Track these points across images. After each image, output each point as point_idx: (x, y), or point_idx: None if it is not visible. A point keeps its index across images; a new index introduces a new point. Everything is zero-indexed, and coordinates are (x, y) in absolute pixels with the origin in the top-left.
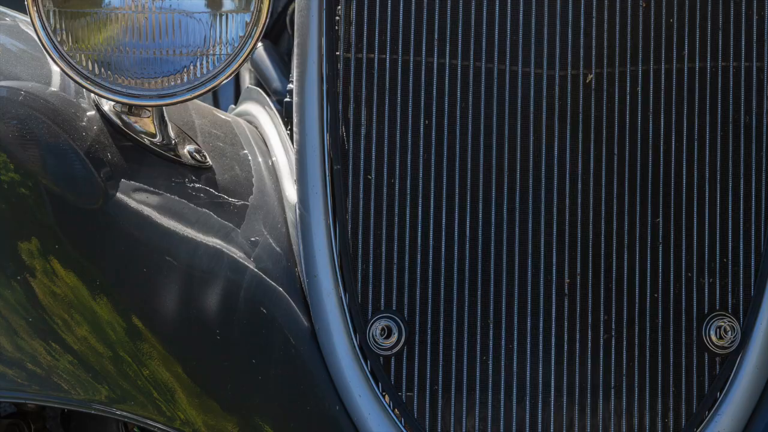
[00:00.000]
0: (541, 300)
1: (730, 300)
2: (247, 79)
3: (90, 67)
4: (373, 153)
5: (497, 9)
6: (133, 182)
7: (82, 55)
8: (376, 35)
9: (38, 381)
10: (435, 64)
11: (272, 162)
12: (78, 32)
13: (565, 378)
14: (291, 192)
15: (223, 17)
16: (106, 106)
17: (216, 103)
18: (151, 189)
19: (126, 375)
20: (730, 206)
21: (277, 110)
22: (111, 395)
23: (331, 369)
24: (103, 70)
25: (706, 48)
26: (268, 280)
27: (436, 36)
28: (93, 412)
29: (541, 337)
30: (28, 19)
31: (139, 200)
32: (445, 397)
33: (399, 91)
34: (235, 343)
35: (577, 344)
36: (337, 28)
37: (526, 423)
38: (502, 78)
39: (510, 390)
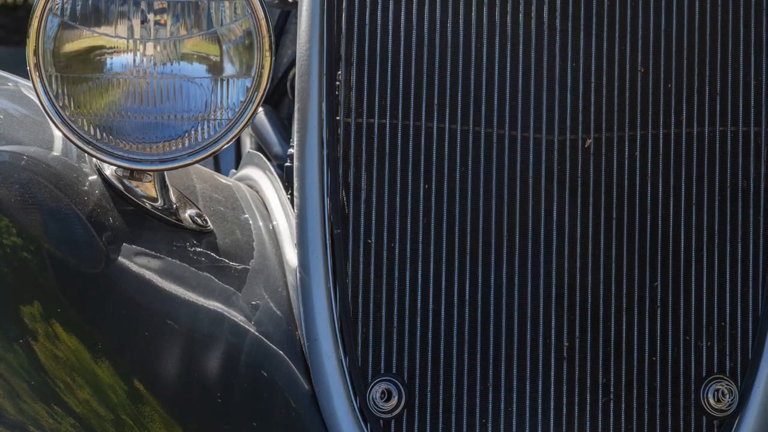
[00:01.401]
0: (540, 363)
1: (728, 363)
2: (248, 144)
3: (92, 132)
4: (373, 217)
5: (496, 74)
6: (134, 246)
7: (84, 120)
8: (376, 100)
9: None
10: (435, 129)
11: (273, 226)
12: (80, 97)
13: None
14: (291, 256)
15: (224, 82)
16: (108, 170)
17: (217, 168)
18: (153, 253)
19: None
20: (728, 270)
21: (278, 174)
22: None
23: None
24: (104, 134)
25: (704, 113)
26: (268, 343)
27: (435, 101)
28: None
29: (540, 400)
30: (30, 84)
31: (140, 264)
32: None
33: (399, 156)
34: (236, 407)
35: (577, 407)
36: (337, 93)
37: None
38: (502, 142)
39: None
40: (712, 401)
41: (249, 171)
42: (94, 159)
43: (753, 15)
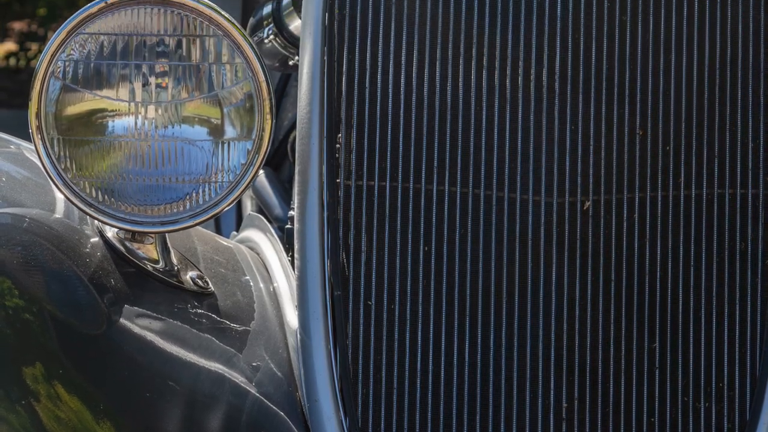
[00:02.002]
0: (539, 424)
1: (725, 424)
2: (248, 206)
3: (93, 194)
4: (374, 279)
5: (496, 136)
6: (135, 308)
7: (86, 183)
8: (377, 163)
9: None
10: (434, 191)
11: (273, 288)
12: (82, 160)
13: None
14: (292, 317)
15: (225, 145)
16: (110, 232)
17: (218, 230)
18: (154, 315)
19: None
20: (725, 332)
21: (279, 237)
22: None
23: None
24: (106, 197)
25: (703, 175)
26: (269, 404)
27: (435, 163)
28: None
29: None
30: (33, 147)
31: (141, 326)
32: None
33: (399, 218)
34: None
35: None
36: (337, 155)
37: None
38: (501, 205)
39: None
40: None
41: (250, 233)
42: (95, 221)
43: (751, 78)
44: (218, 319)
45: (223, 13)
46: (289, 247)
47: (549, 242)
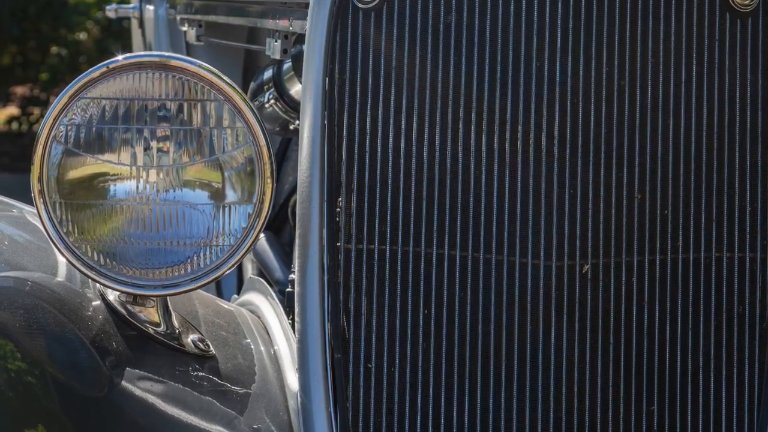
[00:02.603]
0: None
1: None
2: (249, 269)
3: (95, 258)
4: (374, 342)
5: (495, 200)
6: (137, 371)
7: (88, 246)
8: (377, 226)
9: None
10: (434, 255)
11: (274, 351)
12: (83, 223)
13: None
14: (292, 380)
15: (226, 209)
16: (111, 295)
17: (219, 293)
18: (155, 378)
19: None
20: (723, 394)
21: (279, 300)
22: None
23: None
24: (108, 260)
25: (700, 239)
26: None
27: (435, 227)
28: None
29: None
30: (35, 211)
31: (143, 389)
32: None
33: (399, 281)
34: None
35: None
36: (338, 219)
37: None
38: (500, 268)
39: None
40: None
41: (251, 296)
42: (97, 284)
43: (748, 141)
44: (219, 382)
45: (223, 77)
46: (289, 310)
47: (548, 305)
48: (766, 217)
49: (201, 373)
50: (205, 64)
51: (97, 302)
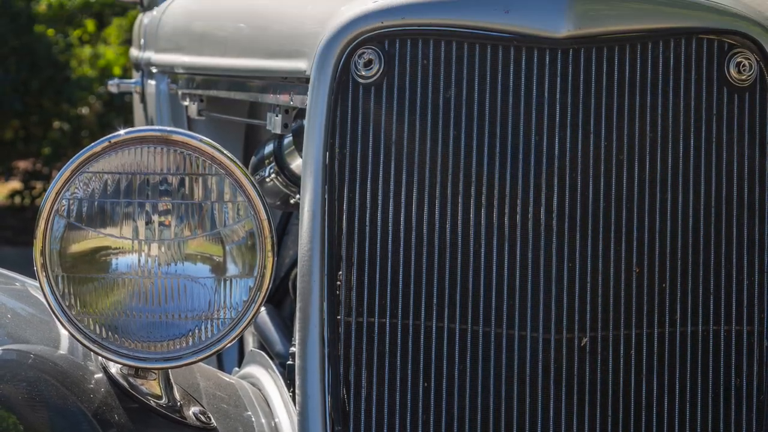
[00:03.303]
0: None
1: None
2: (250, 342)
3: (97, 331)
4: (374, 414)
5: (494, 273)
6: None
7: (90, 319)
8: (377, 300)
9: None
10: (434, 328)
11: (275, 423)
12: (86, 297)
13: None
14: None
15: (227, 282)
16: (113, 368)
17: (220, 366)
18: None
19: None
20: None
21: (280, 373)
22: None
23: None
24: (110, 333)
25: (698, 312)
26: None
27: (435, 300)
28: None
29: None
30: (37, 284)
31: None
32: None
33: (399, 354)
34: None
35: None
36: (338, 292)
37: None
38: (499, 341)
39: None
40: None
41: (251, 369)
42: (99, 357)
43: (746, 217)
44: None
45: (225, 152)
46: (290, 383)
47: (547, 378)
48: (763, 291)
49: None
50: (206, 138)
51: (99, 375)
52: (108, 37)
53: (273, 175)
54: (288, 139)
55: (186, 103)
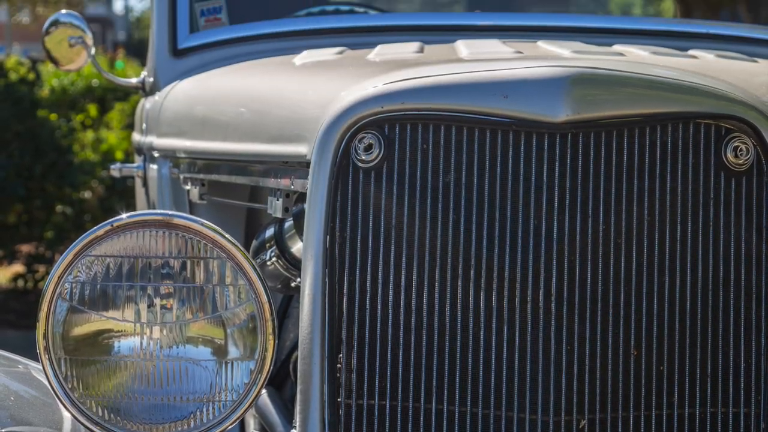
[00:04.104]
0: None
1: None
2: (251, 425)
3: (100, 413)
4: None
5: (493, 356)
6: None
7: (93, 401)
8: (377, 382)
9: None
10: (434, 411)
11: None
12: (88, 379)
13: None
14: None
15: (229, 365)
16: None
17: None
18: None
19: None
20: None
21: None
22: None
23: None
24: (112, 415)
25: (696, 394)
26: None
27: (434, 383)
28: None
29: None
30: (40, 367)
31: None
32: None
33: None
34: None
35: None
36: (338, 375)
37: None
38: (498, 423)
39: None
40: None
41: None
42: None
43: (743, 299)
44: None
45: (226, 235)
46: None
47: None
48: (760, 374)
49: None
50: (207, 222)
51: None
52: (110, 122)
53: (274, 259)
54: (289, 223)
55: (188, 187)
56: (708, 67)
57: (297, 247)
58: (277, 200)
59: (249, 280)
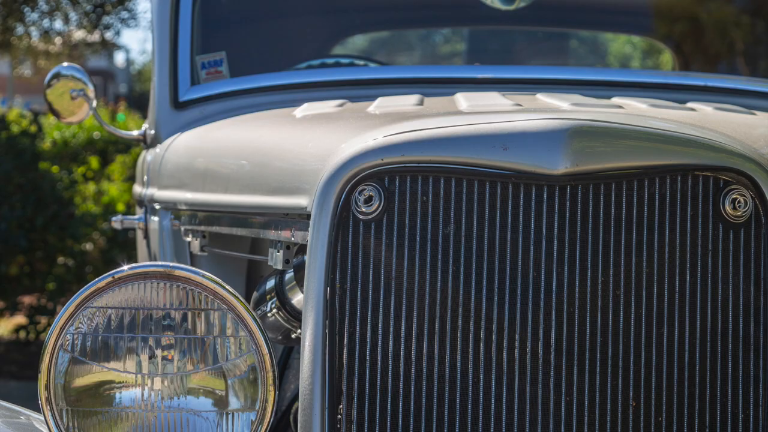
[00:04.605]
0: None
1: None
2: None
3: None
4: None
5: (493, 408)
6: None
7: None
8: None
9: None
10: None
11: None
12: (90, 430)
13: None
14: None
15: (230, 416)
16: None
17: None
18: None
19: None
20: None
21: None
22: None
23: None
24: None
25: None
26: None
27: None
28: None
29: None
30: (42, 418)
31: None
32: None
33: None
34: None
35: None
36: (339, 426)
37: None
38: None
39: None
40: None
41: None
42: None
43: (741, 351)
44: None
45: (227, 287)
46: None
47: None
48: (758, 425)
49: None
50: (208, 274)
51: None
52: (112, 174)
53: (275, 310)
54: (289, 275)
55: (188, 239)
56: (706, 120)
57: (297, 298)
58: (278, 252)
59: (250, 332)
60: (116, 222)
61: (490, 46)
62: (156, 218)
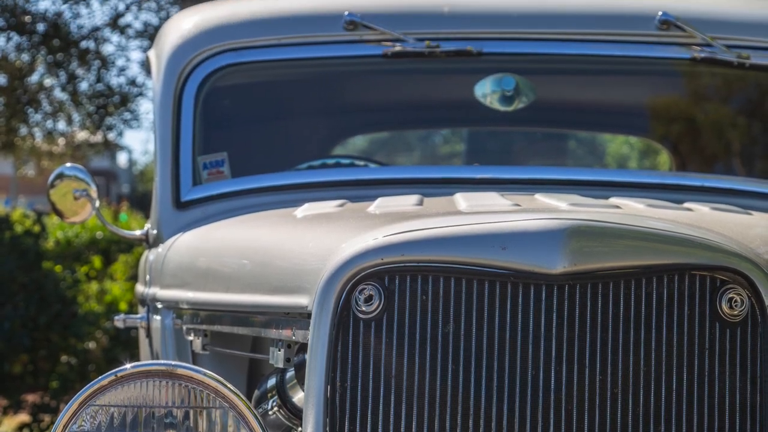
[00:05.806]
0: None
1: None
2: None
3: None
4: None
5: None
6: None
7: None
8: None
9: None
10: None
11: None
12: None
13: None
14: None
15: None
16: None
17: None
18: None
19: None
20: None
21: None
22: None
23: None
24: None
25: None
26: None
27: None
28: None
29: None
30: None
31: None
32: None
33: None
34: None
35: None
36: None
37: None
38: None
39: None
40: None
41: None
42: None
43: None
44: None
45: (228, 385)
46: None
47: None
48: None
49: None
50: (210, 372)
51: None
52: (114, 274)
53: (276, 409)
54: (290, 373)
55: (190, 338)
56: (703, 220)
57: (298, 396)
58: (279, 351)
59: (251, 429)
60: (119, 321)
61: (489, 147)
62: (158, 317)
